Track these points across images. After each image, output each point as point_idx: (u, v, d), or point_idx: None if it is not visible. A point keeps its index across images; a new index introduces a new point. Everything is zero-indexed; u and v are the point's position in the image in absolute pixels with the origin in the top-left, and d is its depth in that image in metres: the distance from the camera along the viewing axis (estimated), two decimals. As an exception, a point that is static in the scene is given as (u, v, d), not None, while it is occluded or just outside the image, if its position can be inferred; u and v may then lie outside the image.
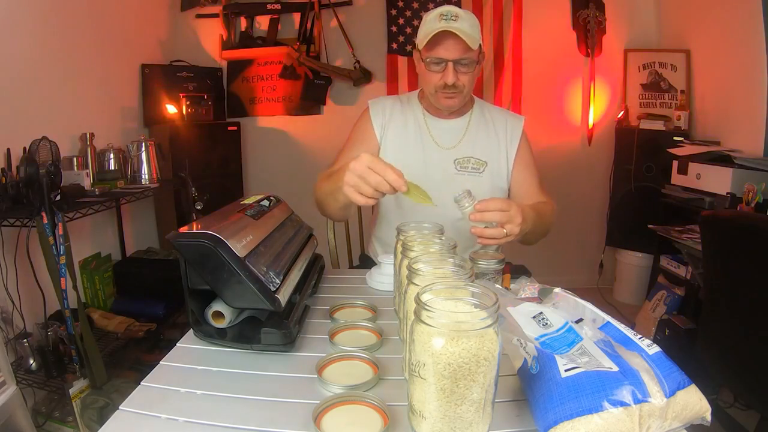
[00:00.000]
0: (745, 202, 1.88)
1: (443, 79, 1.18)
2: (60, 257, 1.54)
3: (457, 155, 1.30)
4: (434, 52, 1.16)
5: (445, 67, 1.17)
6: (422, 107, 1.34)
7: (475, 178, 1.29)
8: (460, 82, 1.19)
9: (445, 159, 1.30)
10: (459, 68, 1.17)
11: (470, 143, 1.31)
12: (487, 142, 1.32)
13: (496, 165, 1.32)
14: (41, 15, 1.93)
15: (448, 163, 1.29)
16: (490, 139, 1.32)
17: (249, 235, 0.81)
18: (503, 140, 1.32)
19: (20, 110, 1.81)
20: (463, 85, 1.20)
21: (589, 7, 2.91)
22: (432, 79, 1.21)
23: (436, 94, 1.23)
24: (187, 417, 0.61)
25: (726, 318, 1.45)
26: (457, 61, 1.16)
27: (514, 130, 1.34)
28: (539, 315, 0.64)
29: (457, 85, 1.19)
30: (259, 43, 2.97)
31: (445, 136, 1.31)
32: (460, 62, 1.16)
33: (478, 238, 0.96)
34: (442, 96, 1.23)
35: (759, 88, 2.21)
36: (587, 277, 3.14)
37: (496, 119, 1.35)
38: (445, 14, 1.14)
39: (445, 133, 1.32)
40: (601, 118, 3.05)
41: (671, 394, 0.51)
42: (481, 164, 1.30)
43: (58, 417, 1.70)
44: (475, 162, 1.30)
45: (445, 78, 1.17)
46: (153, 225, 2.76)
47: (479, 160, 1.30)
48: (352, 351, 0.75)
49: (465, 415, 0.52)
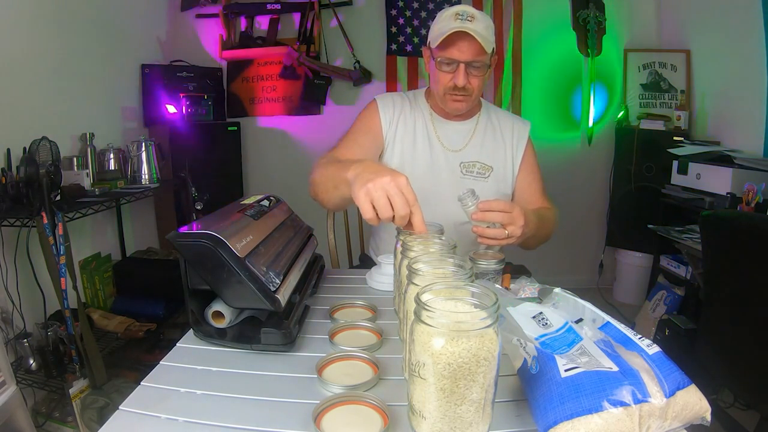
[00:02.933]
0: (745, 202, 1.88)
1: (454, 80, 1.16)
2: (60, 257, 1.54)
3: (464, 159, 1.29)
4: (447, 52, 1.14)
5: (457, 68, 1.15)
6: (429, 107, 1.32)
7: (479, 182, 1.29)
8: (470, 85, 1.17)
9: (452, 161, 1.29)
10: (471, 71, 1.16)
11: (477, 147, 1.30)
12: (494, 146, 1.31)
13: (502, 170, 1.31)
14: (41, 15, 1.93)
15: (454, 165, 1.29)
16: (496, 143, 1.32)
17: (249, 235, 0.81)
18: (510, 145, 1.32)
19: (20, 110, 1.81)
20: (473, 88, 1.18)
21: (589, 7, 2.90)
22: (442, 80, 1.19)
23: (445, 96, 1.21)
24: (187, 417, 0.61)
25: (726, 318, 1.45)
26: (469, 64, 1.14)
27: (521, 136, 1.33)
28: (539, 315, 0.64)
29: (467, 88, 1.17)
30: (259, 43, 2.98)
31: (452, 139, 1.30)
32: (472, 65, 1.15)
33: (478, 238, 0.96)
34: (450, 98, 1.21)
35: (759, 88, 2.21)
36: (587, 277, 3.14)
37: (503, 124, 1.34)
38: (461, 14, 1.12)
39: (452, 135, 1.30)
40: (601, 118, 3.05)
41: (671, 394, 0.51)
42: (487, 169, 1.30)
43: (58, 417, 1.70)
44: (481, 167, 1.29)
45: (456, 80, 1.15)
46: (153, 225, 2.76)
47: (485, 164, 1.30)
48: (352, 351, 0.75)
49: (465, 415, 0.52)
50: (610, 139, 3.00)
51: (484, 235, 0.95)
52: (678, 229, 2.13)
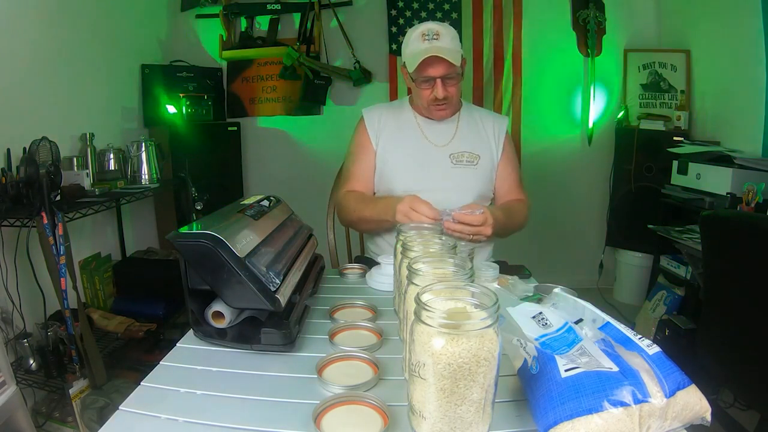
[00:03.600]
0: (745, 202, 1.88)
1: (434, 93, 1.30)
2: (60, 257, 1.54)
3: (452, 150, 1.39)
4: (422, 72, 1.27)
5: (434, 83, 1.28)
6: (414, 112, 1.44)
7: (470, 170, 1.38)
8: (449, 94, 1.31)
9: (441, 155, 1.38)
10: (446, 82, 1.29)
11: (462, 139, 1.40)
12: (478, 138, 1.42)
13: (489, 159, 1.42)
14: (41, 15, 1.93)
15: (443, 158, 1.38)
16: (480, 135, 1.43)
17: (249, 235, 0.81)
18: (492, 137, 1.43)
19: (20, 110, 1.81)
20: (452, 96, 1.32)
21: (589, 7, 2.90)
22: (424, 95, 1.33)
23: (429, 107, 1.35)
24: (187, 417, 0.61)
25: (726, 318, 1.45)
26: (444, 77, 1.27)
27: (501, 129, 1.45)
28: (539, 315, 0.64)
29: (447, 97, 1.31)
30: (259, 43, 2.97)
31: (438, 136, 1.40)
32: (446, 77, 1.28)
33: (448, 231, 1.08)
34: (434, 108, 1.35)
35: (759, 88, 2.21)
36: (587, 277, 3.14)
37: (484, 119, 1.46)
38: (426, 33, 1.24)
39: (438, 132, 1.41)
40: (601, 118, 3.05)
41: (671, 394, 0.51)
42: (475, 157, 1.39)
43: (58, 417, 1.70)
44: (470, 155, 1.39)
45: (436, 93, 1.29)
46: (153, 225, 2.75)
47: (472, 153, 1.39)
48: (352, 351, 0.75)
49: (465, 416, 0.52)
50: (610, 139, 2.99)
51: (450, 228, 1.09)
52: (678, 229, 2.13)
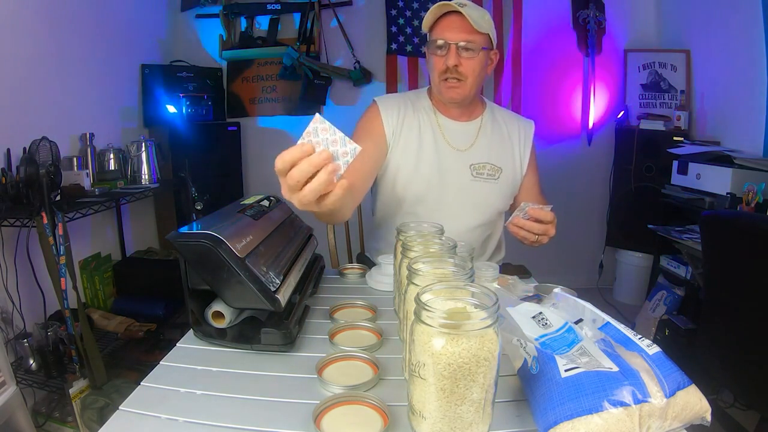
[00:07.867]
0: (745, 202, 1.88)
1: (445, 62, 1.14)
2: (60, 257, 1.54)
3: (473, 160, 1.26)
4: (437, 32, 1.14)
5: (448, 50, 1.13)
6: (432, 105, 1.29)
7: (490, 185, 1.27)
8: (462, 68, 1.14)
9: (461, 162, 1.26)
10: (462, 53, 1.13)
11: (485, 146, 1.28)
12: (501, 146, 1.30)
13: (511, 171, 1.30)
14: (41, 15, 1.92)
15: (464, 167, 1.25)
16: (504, 143, 1.30)
17: (249, 235, 0.81)
18: (517, 145, 1.31)
19: (20, 110, 1.81)
20: (466, 74, 1.15)
21: (589, 7, 2.90)
22: (436, 65, 1.16)
23: (440, 84, 1.18)
24: (187, 417, 0.61)
25: (726, 318, 1.45)
26: (460, 46, 1.12)
27: (527, 136, 1.32)
28: (539, 315, 0.64)
29: (459, 71, 1.14)
30: (259, 43, 2.97)
31: (458, 138, 1.27)
32: (464, 47, 1.12)
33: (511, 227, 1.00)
34: (444, 85, 1.18)
35: (759, 88, 2.21)
36: (587, 277, 3.14)
37: (509, 124, 1.33)
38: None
39: (458, 134, 1.27)
40: (601, 118, 3.05)
41: (671, 394, 0.51)
42: (497, 170, 1.27)
43: (58, 417, 1.70)
44: (491, 168, 1.27)
45: (447, 60, 1.13)
46: (153, 225, 2.75)
47: (495, 166, 1.27)
48: (352, 351, 0.75)
49: (465, 415, 0.52)
50: (610, 139, 3.00)
51: (518, 225, 0.99)
52: (678, 229, 2.13)
